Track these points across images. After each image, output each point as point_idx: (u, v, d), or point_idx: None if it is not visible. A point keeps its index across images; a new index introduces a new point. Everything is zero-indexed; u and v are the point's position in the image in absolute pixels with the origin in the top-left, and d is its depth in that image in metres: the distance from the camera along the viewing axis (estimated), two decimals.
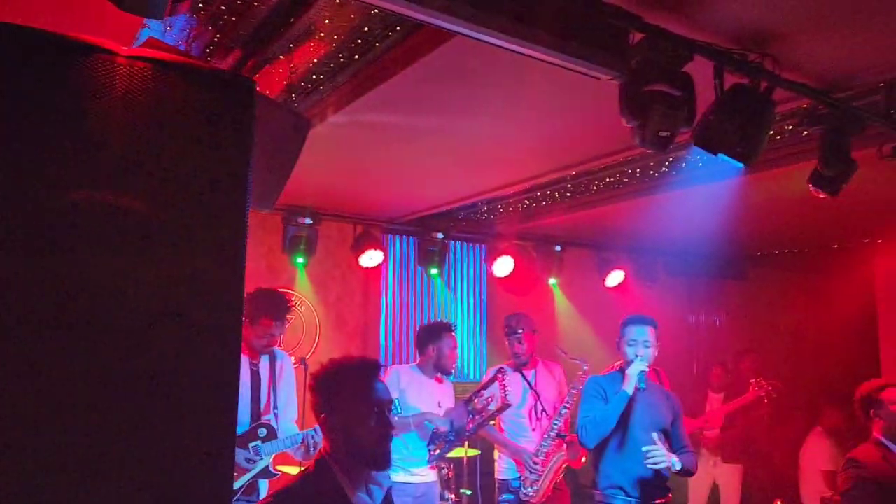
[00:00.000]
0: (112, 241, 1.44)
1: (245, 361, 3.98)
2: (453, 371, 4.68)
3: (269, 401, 4.02)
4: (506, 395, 4.40)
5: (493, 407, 4.37)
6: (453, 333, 4.64)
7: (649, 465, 3.56)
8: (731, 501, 6.12)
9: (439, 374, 4.63)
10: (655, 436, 3.64)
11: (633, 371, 3.71)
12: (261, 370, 4.04)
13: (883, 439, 3.37)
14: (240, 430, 3.84)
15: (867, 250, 5.47)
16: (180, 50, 2.87)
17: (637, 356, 3.75)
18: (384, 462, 2.10)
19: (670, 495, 3.79)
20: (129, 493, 1.41)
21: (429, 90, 3.13)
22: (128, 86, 1.45)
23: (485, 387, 4.47)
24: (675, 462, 3.61)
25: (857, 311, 5.50)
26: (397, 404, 4.31)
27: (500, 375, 4.45)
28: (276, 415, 4.02)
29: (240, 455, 3.78)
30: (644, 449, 3.58)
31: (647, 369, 3.73)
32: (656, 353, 3.83)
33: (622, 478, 3.71)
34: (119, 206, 1.46)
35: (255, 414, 3.96)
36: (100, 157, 1.44)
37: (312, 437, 3.93)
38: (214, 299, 1.60)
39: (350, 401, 2.09)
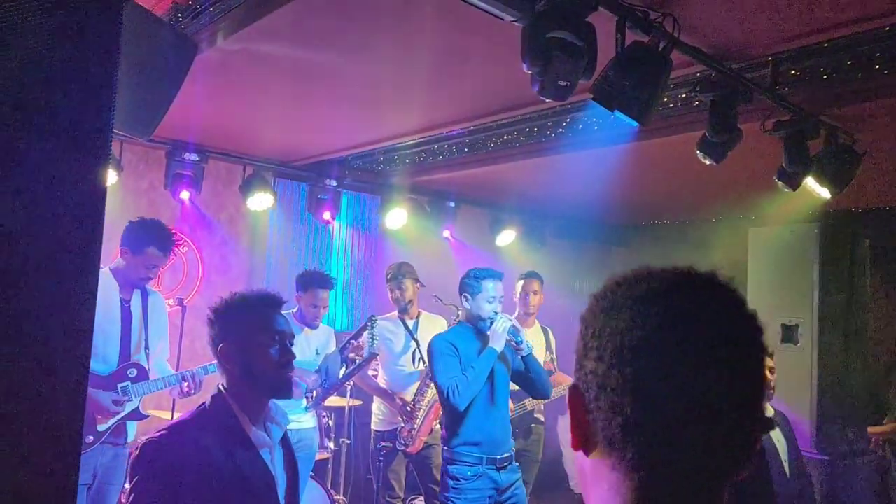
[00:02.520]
0: None
1: (115, 297, 3.73)
2: (316, 325, 4.55)
3: (140, 340, 3.80)
4: (372, 344, 4.36)
5: (365, 355, 4.34)
6: (324, 289, 4.49)
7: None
8: None
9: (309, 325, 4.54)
10: None
11: (500, 327, 3.62)
12: (132, 308, 3.80)
13: None
14: (108, 370, 3.64)
15: (742, 224, 5.77)
16: None
17: (496, 312, 3.68)
18: (286, 390, 2.10)
19: (514, 448, 3.82)
20: None
21: (325, 22, 2.98)
22: None
23: (355, 336, 4.42)
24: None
25: (731, 280, 5.78)
26: None
27: (368, 324, 4.40)
28: (147, 354, 3.81)
29: (106, 397, 3.57)
30: None
31: (512, 323, 3.70)
32: None
33: (480, 434, 3.62)
34: None
35: (125, 353, 3.73)
36: None
37: (192, 377, 3.77)
38: (69, 230, 1.44)
39: (251, 331, 2.08)
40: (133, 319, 3.79)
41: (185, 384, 3.73)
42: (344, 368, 4.54)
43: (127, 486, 3.03)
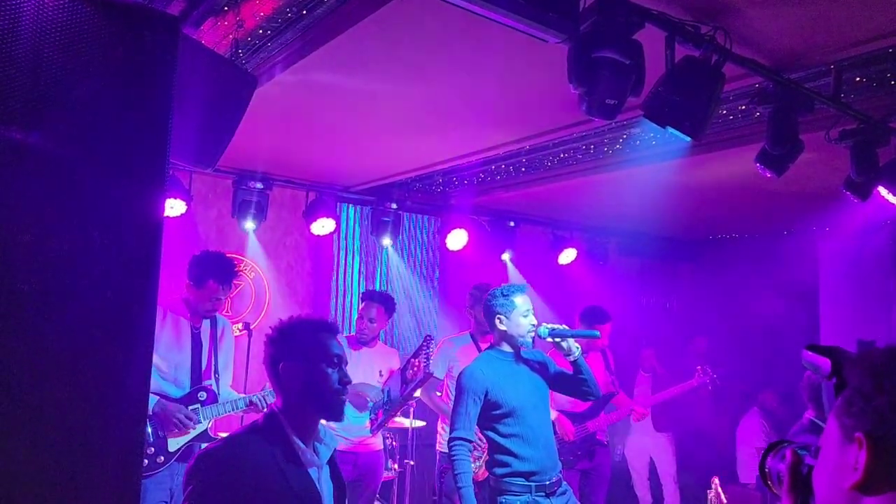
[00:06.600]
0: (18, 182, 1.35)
1: (186, 325, 3.92)
2: (365, 339, 4.74)
3: (209, 365, 3.97)
4: (427, 363, 4.36)
5: (420, 376, 4.33)
6: (377, 304, 4.68)
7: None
8: (668, 472, 6.22)
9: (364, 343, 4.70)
10: None
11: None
12: (202, 334, 3.98)
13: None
14: (180, 394, 3.81)
15: (813, 236, 5.56)
16: None
17: (533, 324, 3.51)
18: (338, 411, 2.17)
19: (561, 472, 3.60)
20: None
21: (380, 50, 3.04)
22: (36, 16, 1.35)
23: (414, 356, 4.43)
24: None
25: (802, 296, 5.59)
26: None
27: (424, 343, 4.41)
28: (216, 379, 3.97)
29: (180, 413, 3.72)
30: None
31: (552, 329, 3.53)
32: None
33: (527, 463, 3.42)
34: (27, 145, 1.37)
35: (196, 378, 3.90)
36: (5, 91, 1.34)
37: (262, 399, 3.90)
38: (127, 258, 1.51)
39: (312, 352, 2.16)
40: (203, 346, 3.96)
41: (264, 404, 3.87)
42: (404, 388, 4.57)
43: None
